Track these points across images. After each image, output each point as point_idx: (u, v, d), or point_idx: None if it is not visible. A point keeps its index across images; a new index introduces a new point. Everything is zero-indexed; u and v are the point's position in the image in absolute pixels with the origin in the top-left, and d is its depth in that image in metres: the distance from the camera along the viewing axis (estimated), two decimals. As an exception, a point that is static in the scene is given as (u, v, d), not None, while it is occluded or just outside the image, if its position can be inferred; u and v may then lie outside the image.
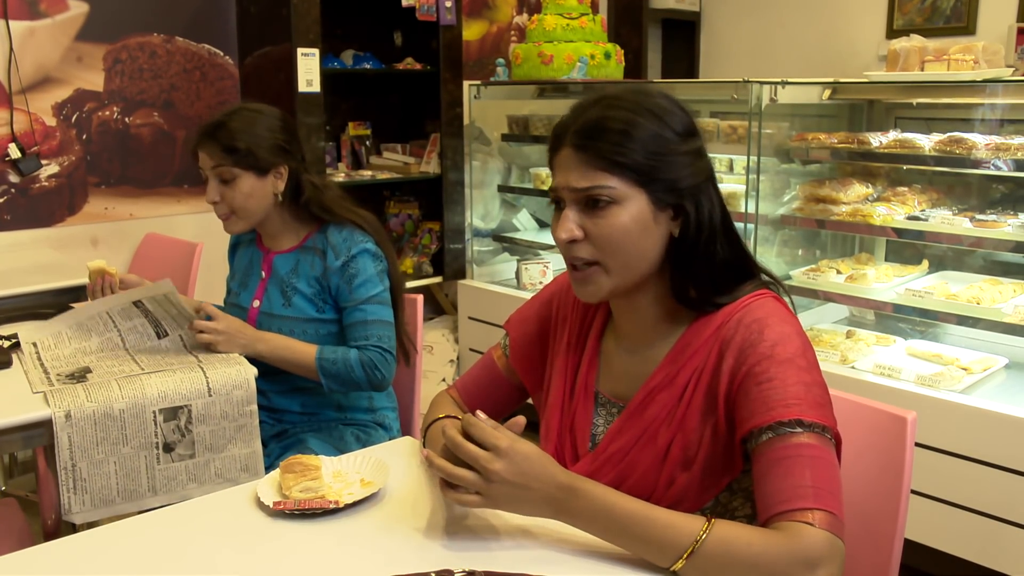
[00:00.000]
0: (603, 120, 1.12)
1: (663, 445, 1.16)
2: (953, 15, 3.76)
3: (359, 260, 1.91)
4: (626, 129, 1.11)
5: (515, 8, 4.37)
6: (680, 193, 1.13)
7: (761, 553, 1.00)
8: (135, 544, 1.17)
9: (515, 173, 4.02)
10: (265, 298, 1.98)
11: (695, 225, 1.14)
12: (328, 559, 1.13)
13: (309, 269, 1.94)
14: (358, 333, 1.90)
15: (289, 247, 1.99)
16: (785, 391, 1.07)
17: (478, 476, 1.07)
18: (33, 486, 2.71)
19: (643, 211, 1.12)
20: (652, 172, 1.11)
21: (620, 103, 1.13)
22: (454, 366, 3.91)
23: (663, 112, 1.13)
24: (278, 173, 1.91)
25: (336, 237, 1.93)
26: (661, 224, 1.14)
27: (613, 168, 1.10)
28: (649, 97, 1.15)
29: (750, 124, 2.74)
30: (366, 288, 1.91)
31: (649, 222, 1.13)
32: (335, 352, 1.89)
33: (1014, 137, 2.46)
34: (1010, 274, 2.79)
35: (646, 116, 1.12)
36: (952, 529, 2.35)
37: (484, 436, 1.07)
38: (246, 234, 2.07)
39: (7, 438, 1.63)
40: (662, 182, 1.12)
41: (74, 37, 3.13)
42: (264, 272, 2.00)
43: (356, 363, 1.87)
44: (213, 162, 1.87)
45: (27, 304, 2.40)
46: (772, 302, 1.16)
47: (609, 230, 1.12)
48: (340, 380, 1.88)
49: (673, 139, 1.13)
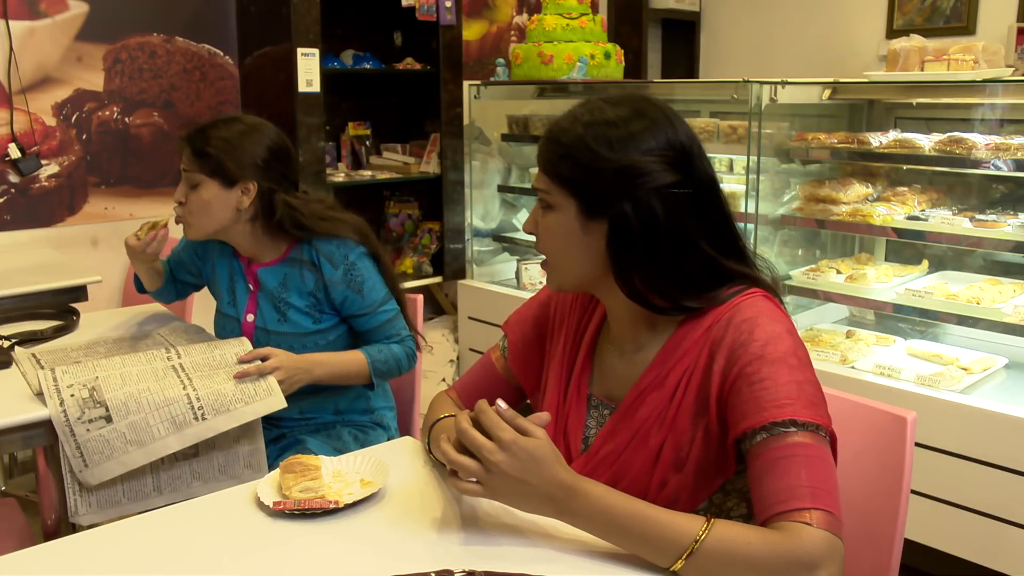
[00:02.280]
0: (555, 128, 1.18)
1: (655, 447, 1.16)
2: (953, 15, 3.76)
3: (359, 266, 1.90)
4: (564, 141, 1.16)
5: (515, 8, 4.37)
6: (606, 204, 1.14)
7: (760, 553, 1.00)
8: (135, 544, 1.17)
9: (515, 173, 4.02)
10: (259, 313, 1.95)
11: (625, 235, 1.14)
12: (328, 559, 1.13)
13: (300, 283, 1.91)
14: (389, 331, 1.94)
15: (272, 260, 1.95)
16: (778, 391, 1.07)
17: (480, 466, 1.07)
18: (33, 486, 2.71)
19: (571, 219, 1.17)
20: (579, 183, 1.15)
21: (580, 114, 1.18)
22: (454, 366, 3.91)
23: (606, 125, 1.15)
24: (245, 188, 1.85)
25: (326, 247, 1.90)
26: (592, 233, 1.16)
27: (552, 176, 1.18)
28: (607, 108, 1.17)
29: (750, 124, 2.73)
30: (376, 291, 1.92)
31: (576, 230, 1.17)
32: (382, 352, 1.92)
33: (1014, 137, 2.46)
34: (1010, 274, 2.79)
35: (587, 128, 1.15)
36: (952, 529, 2.35)
37: (492, 426, 1.08)
38: (213, 243, 2.01)
39: (7, 438, 1.64)
40: (589, 193, 1.15)
41: (74, 37, 3.13)
42: (251, 285, 1.97)
43: (403, 356, 1.94)
44: (184, 164, 1.87)
45: (27, 304, 2.40)
46: (762, 301, 1.16)
47: (544, 231, 1.20)
48: (389, 376, 1.95)
49: (606, 153, 1.13)
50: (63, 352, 1.91)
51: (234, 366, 1.73)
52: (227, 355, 1.74)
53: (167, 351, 1.75)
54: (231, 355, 1.74)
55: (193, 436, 1.63)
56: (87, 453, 1.58)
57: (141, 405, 1.61)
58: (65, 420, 1.58)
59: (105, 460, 1.58)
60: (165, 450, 1.61)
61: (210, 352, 1.75)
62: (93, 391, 1.61)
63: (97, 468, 1.58)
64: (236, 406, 1.66)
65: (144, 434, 1.60)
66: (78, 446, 1.58)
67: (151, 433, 1.60)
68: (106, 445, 1.58)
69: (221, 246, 2.02)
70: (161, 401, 1.62)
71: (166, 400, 1.62)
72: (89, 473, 1.58)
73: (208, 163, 1.84)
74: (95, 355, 1.89)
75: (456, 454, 1.09)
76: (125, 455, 1.59)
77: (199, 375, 1.69)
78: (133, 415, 1.60)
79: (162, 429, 1.61)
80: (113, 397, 1.60)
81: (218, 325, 2.04)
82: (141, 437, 1.60)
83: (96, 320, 2.22)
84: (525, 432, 1.08)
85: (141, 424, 1.60)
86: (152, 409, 1.61)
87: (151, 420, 1.61)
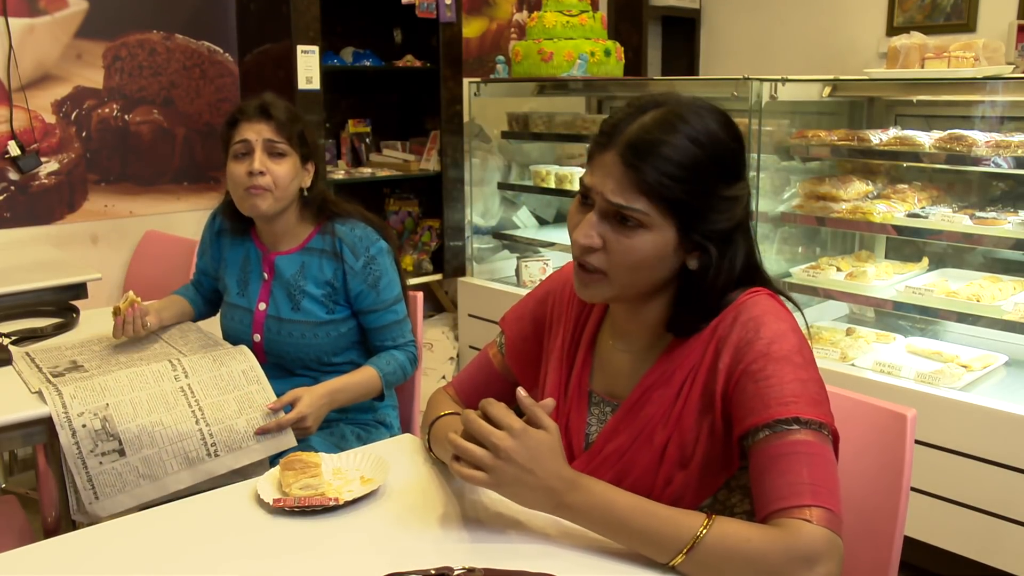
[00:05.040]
0: (657, 142, 1.07)
1: (660, 444, 1.16)
2: (953, 12, 3.76)
3: (379, 260, 1.92)
4: (677, 159, 1.07)
5: (515, 5, 4.37)
6: (710, 235, 1.12)
7: (760, 550, 1.00)
8: (135, 541, 1.17)
9: (515, 170, 4.02)
10: (272, 301, 1.96)
11: (714, 269, 1.13)
12: (328, 556, 1.13)
13: (317, 271, 1.93)
14: (396, 332, 1.95)
15: (290, 248, 1.97)
16: (782, 389, 1.07)
17: (487, 452, 1.07)
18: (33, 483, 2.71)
19: (667, 243, 1.11)
20: (689, 210, 1.09)
21: (678, 123, 1.08)
22: (454, 363, 3.91)
23: (717, 145, 1.10)
24: (308, 168, 1.93)
25: (351, 235, 1.92)
26: (679, 256, 1.13)
27: (652, 195, 1.07)
28: (706, 122, 1.10)
29: (750, 121, 2.73)
30: (391, 288, 1.93)
31: (669, 254, 1.12)
32: (390, 364, 1.93)
33: (1014, 134, 2.46)
34: (1010, 271, 2.79)
35: (700, 147, 1.08)
36: (952, 526, 2.36)
37: (501, 416, 1.08)
38: (236, 224, 2.02)
39: (7, 435, 1.64)
40: (697, 221, 1.10)
41: (73, 34, 3.13)
42: (267, 273, 1.97)
43: (407, 363, 1.96)
44: (268, 136, 1.86)
45: (27, 302, 2.40)
46: (767, 300, 1.16)
47: (629, 250, 1.10)
48: (396, 385, 1.98)
49: (720, 180, 1.10)
50: (57, 351, 1.91)
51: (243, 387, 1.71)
52: (234, 372, 1.74)
53: (173, 368, 1.72)
54: (237, 372, 1.74)
55: (205, 472, 1.63)
56: (99, 486, 1.56)
57: (155, 439, 1.61)
58: (78, 453, 1.56)
59: (117, 493, 1.57)
60: (177, 485, 1.61)
61: (216, 370, 1.74)
62: (105, 421, 1.59)
63: (108, 500, 1.57)
64: (248, 443, 1.67)
65: (157, 468, 1.60)
66: (90, 479, 1.56)
67: (164, 468, 1.61)
68: (119, 478, 1.57)
69: (232, 238, 2.03)
70: (175, 435, 1.62)
71: (180, 435, 1.62)
72: (99, 505, 1.56)
73: (293, 137, 1.88)
74: (90, 353, 1.89)
75: (463, 441, 1.09)
76: (137, 488, 1.59)
77: (209, 403, 1.68)
78: (147, 449, 1.60)
79: (175, 464, 1.61)
80: (126, 430, 1.59)
81: (226, 316, 2.03)
82: (154, 471, 1.60)
83: (96, 317, 2.22)
84: (537, 424, 1.08)
85: (155, 459, 1.60)
86: (166, 443, 1.61)
87: (164, 456, 1.61)
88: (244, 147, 1.86)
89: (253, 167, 1.84)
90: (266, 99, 1.90)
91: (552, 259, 3.69)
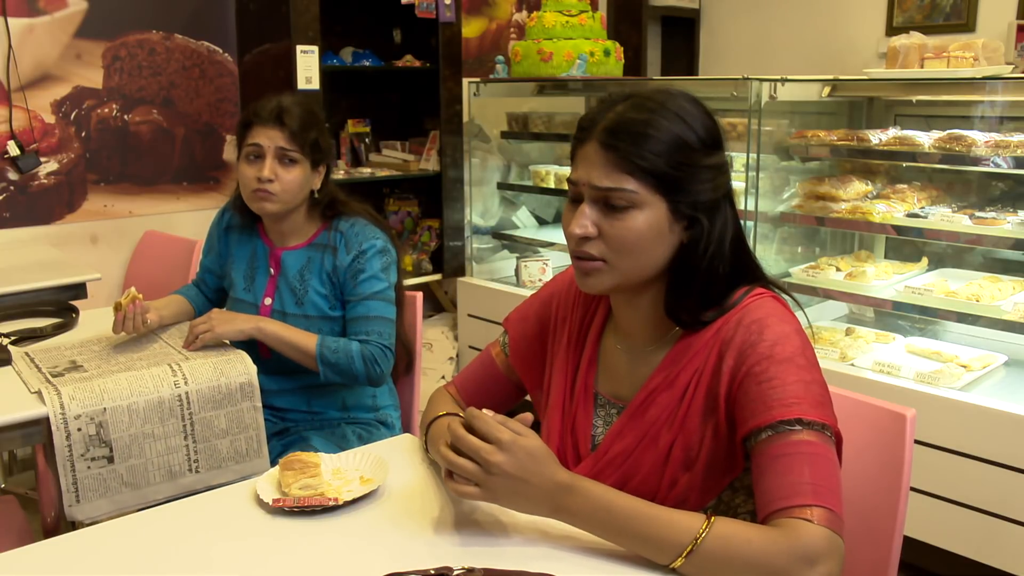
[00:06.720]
0: (633, 122, 1.10)
1: (664, 447, 1.16)
2: (953, 12, 3.76)
3: (368, 256, 1.92)
4: (656, 135, 1.10)
5: (514, 5, 4.37)
6: (698, 206, 1.13)
7: (761, 550, 1.00)
8: (134, 541, 1.17)
9: (514, 170, 4.02)
10: (277, 296, 1.97)
11: (705, 240, 1.14)
12: (327, 556, 1.13)
13: (321, 266, 1.95)
14: (360, 328, 1.91)
15: (297, 244, 1.99)
16: (785, 390, 1.07)
17: (479, 467, 1.07)
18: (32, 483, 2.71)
19: (660, 219, 1.12)
20: (676, 182, 1.11)
21: (651, 104, 1.12)
22: (453, 363, 3.91)
23: (692, 119, 1.12)
24: (319, 171, 1.95)
25: (350, 231, 1.95)
26: (675, 233, 1.14)
27: (637, 172, 1.10)
28: (677, 101, 1.13)
29: (749, 121, 2.73)
30: (370, 284, 1.92)
31: (664, 230, 1.13)
32: (337, 342, 1.89)
33: (1014, 134, 2.46)
34: (1009, 271, 2.79)
35: (675, 122, 1.11)
36: (951, 526, 2.36)
37: (488, 429, 1.07)
38: (245, 219, 2.04)
39: (7, 435, 1.63)
40: (684, 192, 1.12)
41: (73, 34, 3.13)
42: (273, 269, 1.99)
43: (357, 355, 1.87)
44: (280, 143, 1.87)
45: (26, 302, 2.39)
46: (771, 302, 1.16)
47: (624, 232, 1.11)
48: (338, 370, 1.88)
49: (700, 150, 1.12)
50: (57, 351, 1.90)
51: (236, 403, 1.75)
52: (232, 385, 1.75)
53: (173, 373, 1.72)
54: (235, 386, 1.75)
55: (184, 486, 1.70)
56: (82, 489, 1.59)
57: (144, 450, 1.65)
58: (68, 455, 1.58)
59: (98, 497, 1.61)
60: (156, 495, 1.66)
61: (216, 380, 1.74)
62: (100, 428, 1.61)
63: (88, 504, 1.60)
64: (227, 464, 1.74)
65: (140, 478, 1.65)
66: (75, 481, 1.59)
67: (147, 478, 1.66)
68: (102, 483, 1.61)
69: (240, 234, 2.04)
70: (163, 449, 1.67)
71: (168, 448, 1.67)
72: (79, 508, 1.60)
73: (305, 145, 1.89)
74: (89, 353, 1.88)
75: (455, 456, 1.09)
76: (118, 495, 1.63)
77: (201, 416, 1.71)
78: (134, 459, 1.64)
79: (158, 476, 1.67)
80: (119, 438, 1.62)
81: (232, 311, 2.04)
82: (137, 481, 1.64)
83: (96, 317, 2.21)
84: (519, 433, 1.08)
85: (140, 469, 1.65)
86: (153, 455, 1.67)
87: (150, 467, 1.66)
88: (256, 151, 1.88)
89: (262, 174, 1.86)
90: (283, 103, 1.89)
91: (552, 259, 3.69)
